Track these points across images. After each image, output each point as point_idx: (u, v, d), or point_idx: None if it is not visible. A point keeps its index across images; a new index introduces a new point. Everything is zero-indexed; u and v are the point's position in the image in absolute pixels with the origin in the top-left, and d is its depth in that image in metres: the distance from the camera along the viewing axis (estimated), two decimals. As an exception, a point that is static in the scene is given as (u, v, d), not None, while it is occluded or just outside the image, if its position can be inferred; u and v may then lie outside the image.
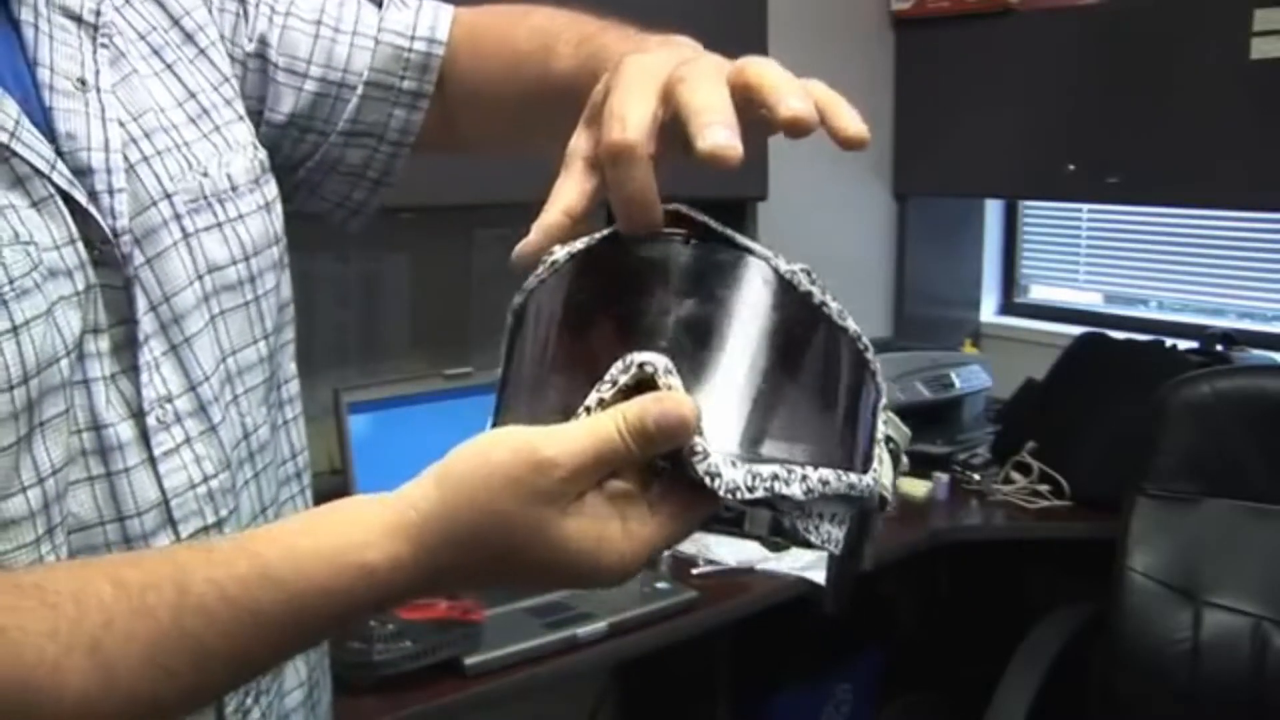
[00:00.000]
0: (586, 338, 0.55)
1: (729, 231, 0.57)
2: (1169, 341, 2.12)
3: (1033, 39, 2.27)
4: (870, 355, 0.58)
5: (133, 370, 0.64)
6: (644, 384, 0.51)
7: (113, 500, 0.63)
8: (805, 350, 0.56)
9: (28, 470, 0.59)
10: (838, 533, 0.55)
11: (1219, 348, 2.10)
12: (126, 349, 0.64)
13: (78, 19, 0.67)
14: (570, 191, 0.57)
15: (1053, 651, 1.73)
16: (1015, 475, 2.05)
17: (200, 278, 0.68)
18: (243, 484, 0.72)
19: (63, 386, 0.60)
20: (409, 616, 1.36)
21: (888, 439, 0.58)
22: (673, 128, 0.54)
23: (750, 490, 0.50)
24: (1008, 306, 2.76)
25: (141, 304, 0.65)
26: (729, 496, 0.50)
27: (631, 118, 0.53)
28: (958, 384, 2.21)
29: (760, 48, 1.91)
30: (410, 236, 1.87)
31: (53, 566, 0.59)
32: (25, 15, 0.64)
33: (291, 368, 0.79)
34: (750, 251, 0.56)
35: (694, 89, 0.53)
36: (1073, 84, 2.20)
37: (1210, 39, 1.98)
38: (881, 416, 0.58)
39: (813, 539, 0.54)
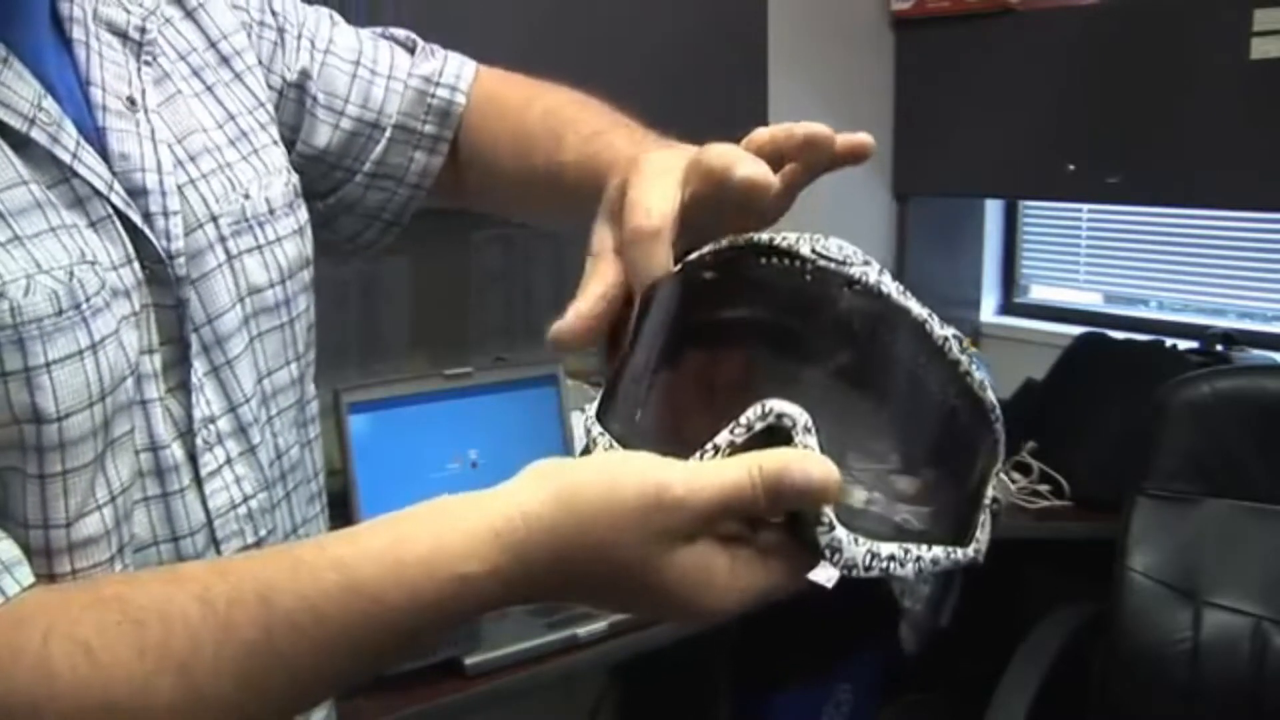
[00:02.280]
0: (722, 364, 0.53)
1: (873, 271, 0.54)
2: (1169, 341, 2.11)
3: (1033, 39, 2.26)
4: (999, 425, 0.55)
5: (182, 391, 0.65)
6: (775, 431, 0.48)
7: (167, 521, 0.64)
8: (947, 425, 0.53)
9: (101, 488, 0.59)
10: (924, 591, 0.54)
11: (1219, 348, 2.09)
12: (174, 369, 0.65)
13: (124, 35, 0.67)
14: (605, 276, 0.58)
15: (1053, 651, 1.73)
16: (1015, 475, 2.05)
17: (242, 299, 0.69)
18: (276, 503, 0.72)
19: (129, 405, 0.60)
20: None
21: (993, 499, 0.55)
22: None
23: (866, 570, 0.49)
24: (1008, 306, 2.76)
25: (188, 325, 0.65)
26: (844, 571, 0.48)
27: (655, 207, 0.56)
28: (958, 384, 2.20)
29: (761, 47, 1.91)
30: (409, 238, 1.86)
31: (133, 578, 0.59)
32: (77, 34, 0.65)
33: (312, 388, 0.79)
34: (905, 310, 0.52)
35: (721, 148, 0.57)
36: (1073, 84, 2.19)
37: (1210, 39, 1.98)
38: (993, 481, 0.55)
39: (903, 600, 0.53)
